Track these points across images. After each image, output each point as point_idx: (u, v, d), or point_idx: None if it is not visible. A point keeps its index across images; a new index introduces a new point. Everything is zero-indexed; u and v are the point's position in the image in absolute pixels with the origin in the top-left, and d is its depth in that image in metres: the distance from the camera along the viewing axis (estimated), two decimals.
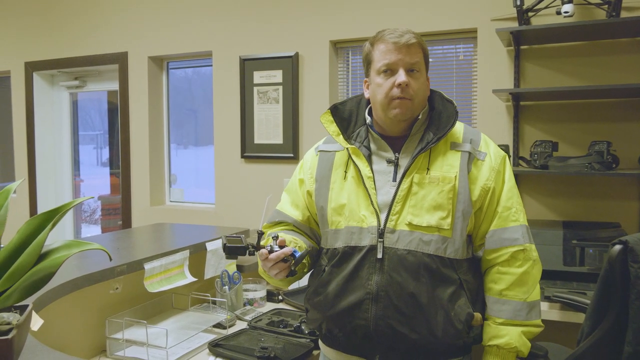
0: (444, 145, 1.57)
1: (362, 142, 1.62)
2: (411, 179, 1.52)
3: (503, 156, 1.60)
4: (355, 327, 1.52)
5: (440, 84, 3.01)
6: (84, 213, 4.67)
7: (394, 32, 1.54)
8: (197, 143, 4.02)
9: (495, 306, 1.54)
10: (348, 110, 1.68)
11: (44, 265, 1.08)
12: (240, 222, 3.40)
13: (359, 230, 1.54)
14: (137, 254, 2.17)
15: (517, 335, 1.51)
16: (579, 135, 2.66)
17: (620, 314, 1.29)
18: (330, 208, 1.61)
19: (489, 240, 1.56)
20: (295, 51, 3.26)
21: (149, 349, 1.92)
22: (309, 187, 1.68)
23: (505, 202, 1.55)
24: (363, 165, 1.56)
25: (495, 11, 2.77)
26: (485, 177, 1.54)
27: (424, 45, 1.58)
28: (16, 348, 1.05)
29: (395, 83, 1.52)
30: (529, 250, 1.55)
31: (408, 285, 1.47)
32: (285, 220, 1.73)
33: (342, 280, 1.54)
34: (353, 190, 1.58)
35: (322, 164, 1.68)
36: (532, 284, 1.54)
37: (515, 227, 1.54)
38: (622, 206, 2.60)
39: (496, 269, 1.55)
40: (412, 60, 1.53)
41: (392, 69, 1.53)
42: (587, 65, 2.65)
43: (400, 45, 1.52)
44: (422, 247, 1.49)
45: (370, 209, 1.53)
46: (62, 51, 4.10)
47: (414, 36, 1.54)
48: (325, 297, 1.57)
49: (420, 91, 1.56)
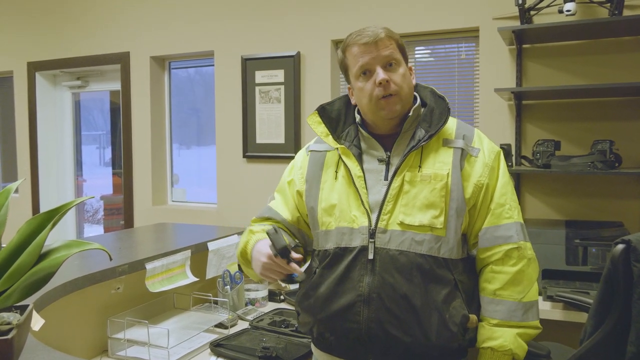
0: (436, 142, 1.53)
1: (352, 141, 1.58)
2: (402, 177, 1.49)
3: (497, 152, 1.57)
4: (347, 331, 1.48)
5: (442, 83, 3.01)
6: (86, 213, 4.68)
7: (362, 33, 1.51)
8: (199, 143, 4.02)
9: (489, 306, 1.50)
10: (336, 110, 1.65)
11: (44, 265, 1.08)
12: (242, 221, 3.40)
13: (350, 230, 1.50)
14: (138, 254, 2.17)
15: (511, 338, 1.46)
16: (582, 134, 2.65)
17: (623, 313, 1.28)
18: (320, 208, 1.58)
19: (482, 238, 1.52)
20: (297, 50, 3.26)
21: (150, 348, 1.92)
22: (299, 188, 1.65)
23: (498, 199, 1.51)
24: (353, 165, 1.53)
25: (497, 10, 2.76)
26: (479, 173, 1.51)
27: (395, 36, 1.54)
28: (16, 348, 1.05)
29: (376, 82, 1.49)
30: (524, 248, 1.50)
31: (401, 287, 1.43)
32: (274, 217, 1.71)
33: (332, 283, 1.50)
34: (344, 190, 1.55)
35: (313, 164, 1.65)
36: (527, 284, 1.50)
37: (509, 224, 1.51)
38: (625, 205, 2.59)
39: (490, 268, 1.51)
40: (385, 54, 1.50)
41: (369, 70, 1.51)
42: (589, 64, 2.64)
43: (369, 43, 1.49)
44: (415, 247, 1.45)
45: (361, 209, 1.50)
46: (65, 51, 4.11)
47: (382, 31, 1.50)
48: (315, 300, 1.53)
49: (404, 83, 1.52)
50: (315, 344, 1.63)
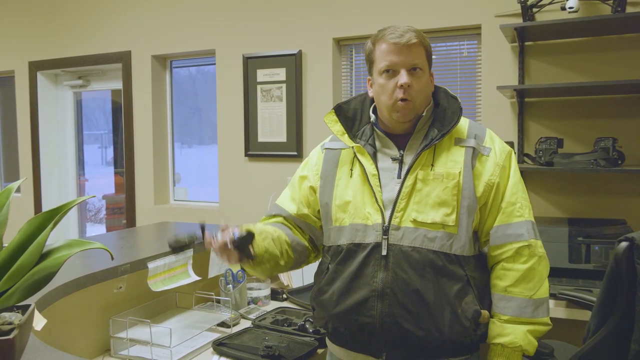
0: (448, 141, 1.57)
1: (367, 140, 1.62)
2: (415, 175, 1.52)
3: (509, 151, 1.59)
4: (362, 325, 1.52)
5: (444, 81, 3.00)
6: (88, 212, 4.68)
7: (395, 32, 1.53)
8: (200, 142, 4.02)
9: (500, 303, 1.53)
10: (352, 109, 1.69)
11: (45, 265, 1.07)
12: (244, 220, 3.39)
13: (364, 227, 1.54)
14: (140, 253, 2.17)
15: (522, 334, 1.49)
16: (584, 132, 2.64)
17: (627, 311, 1.28)
18: (335, 205, 1.61)
19: (493, 237, 1.55)
20: (298, 49, 3.25)
21: (153, 348, 1.92)
22: (313, 184, 1.69)
23: (509, 198, 1.54)
24: (368, 163, 1.57)
25: (499, 7, 2.76)
26: (490, 172, 1.54)
27: (426, 43, 1.57)
28: (18, 348, 1.05)
29: (397, 84, 1.52)
30: (535, 246, 1.53)
31: (413, 282, 1.47)
32: (280, 213, 1.75)
33: (347, 278, 1.55)
34: (358, 188, 1.58)
35: (328, 162, 1.69)
36: (538, 281, 1.52)
37: (520, 222, 1.53)
38: (628, 203, 2.58)
39: (501, 265, 1.54)
40: (413, 61, 1.52)
41: (394, 70, 1.53)
42: (592, 61, 2.63)
43: (401, 45, 1.51)
44: (427, 244, 1.49)
45: (375, 207, 1.54)
46: (66, 51, 4.11)
47: (415, 35, 1.53)
48: (330, 296, 1.58)
49: (423, 91, 1.56)
50: (330, 338, 1.67)
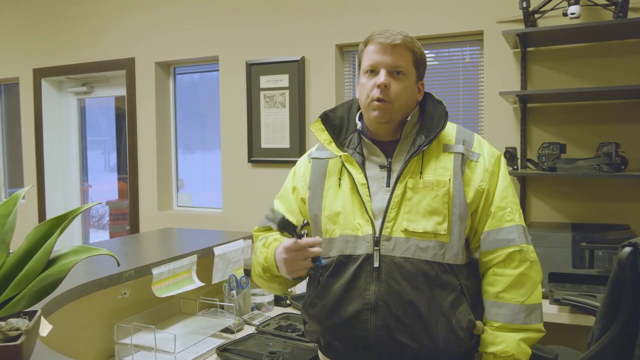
0: (437, 148, 1.54)
1: (355, 149, 1.58)
2: (405, 184, 1.49)
3: (497, 156, 1.57)
4: (355, 339, 1.48)
5: (446, 87, 3.01)
6: (92, 218, 4.69)
7: (384, 33, 1.52)
8: (204, 148, 4.03)
9: (492, 309, 1.50)
10: (339, 117, 1.64)
11: (53, 271, 1.08)
12: (248, 226, 3.40)
13: (354, 238, 1.51)
14: (145, 259, 2.18)
15: (514, 343, 1.46)
16: (587, 137, 2.64)
17: (631, 316, 1.27)
18: (324, 216, 1.57)
19: (484, 242, 1.52)
20: (301, 55, 3.26)
21: (157, 354, 1.93)
22: (303, 195, 1.65)
23: (499, 202, 1.52)
24: (356, 173, 1.53)
25: (501, 13, 2.76)
26: (479, 178, 1.52)
27: (416, 49, 1.54)
28: (25, 353, 1.06)
29: (375, 83, 1.50)
30: (526, 251, 1.50)
31: (407, 294, 1.44)
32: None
33: (339, 291, 1.50)
34: (348, 198, 1.54)
35: (315, 172, 1.65)
36: (530, 286, 1.49)
37: (511, 227, 1.51)
38: (632, 208, 2.58)
39: (492, 270, 1.52)
40: (396, 62, 1.50)
41: (375, 70, 1.51)
42: (594, 67, 2.63)
43: (385, 45, 1.50)
44: (420, 254, 1.46)
45: (365, 217, 1.50)
46: (70, 57, 4.13)
47: (402, 38, 1.50)
48: (322, 309, 1.53)
49: (403, 94, 1.51)
50: (324, 352, 1.62)
